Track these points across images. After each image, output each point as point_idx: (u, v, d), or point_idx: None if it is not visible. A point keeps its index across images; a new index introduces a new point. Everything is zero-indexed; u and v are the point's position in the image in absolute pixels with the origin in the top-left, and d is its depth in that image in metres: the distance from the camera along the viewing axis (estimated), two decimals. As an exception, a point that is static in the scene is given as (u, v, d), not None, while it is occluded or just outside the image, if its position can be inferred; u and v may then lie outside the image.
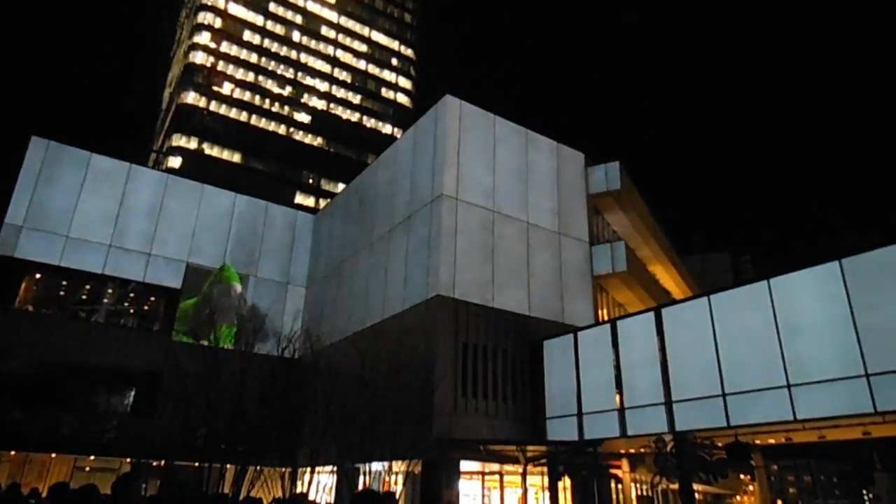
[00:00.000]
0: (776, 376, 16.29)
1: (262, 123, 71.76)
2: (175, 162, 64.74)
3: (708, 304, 18.78)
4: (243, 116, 70.45)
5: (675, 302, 24.03)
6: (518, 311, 25.62)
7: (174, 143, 66.21)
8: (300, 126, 74.19)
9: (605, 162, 31.57)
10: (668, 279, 41.65)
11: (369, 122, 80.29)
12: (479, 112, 28.19)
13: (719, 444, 17.77)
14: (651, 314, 20.58)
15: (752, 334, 17.33)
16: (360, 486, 22.77)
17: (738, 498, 43.97)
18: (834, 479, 75.76)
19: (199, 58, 69.93)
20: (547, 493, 22.09)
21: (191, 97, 68.26)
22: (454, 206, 25.51)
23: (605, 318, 29.72)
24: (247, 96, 71.42)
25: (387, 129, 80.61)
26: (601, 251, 29.97)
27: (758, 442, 19.46)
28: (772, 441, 19.52)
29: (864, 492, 71.22)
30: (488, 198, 26.84)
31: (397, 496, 22.47)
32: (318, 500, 22.05)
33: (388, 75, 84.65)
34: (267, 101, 72.69)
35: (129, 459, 26.64)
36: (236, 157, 68.21)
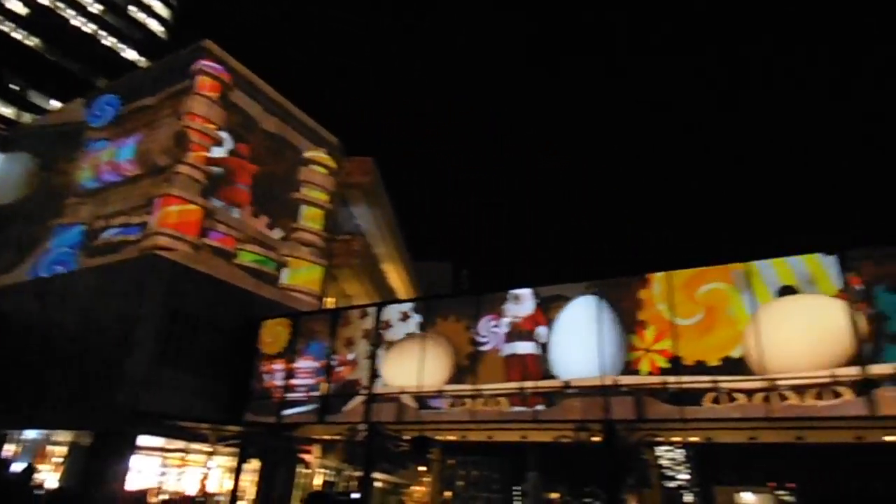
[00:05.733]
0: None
1: (-42, -1, 56.48)
2: None
3: (424, 308, 20.22)
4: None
5: (396, 301, 25.47)
6: (242, 286, 24.35)
7: None
8: (11, 16, 59.83)
9: (362, 155, 32.31)
10: (395, 279, 43.77)
11: (107, 41, 68.39)
12: (241, 69, 26.43)
13: (406, 437, 19.10)
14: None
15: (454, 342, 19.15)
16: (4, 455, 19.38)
17: (413, 488, 47.97)
18: (495, 475, 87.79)
19: None
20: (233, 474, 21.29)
21: None
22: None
23: (334, 305, 30.20)
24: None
25: (128, 53, 69.61)
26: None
27: (439, 438, 21.38)
28: (451, 438, 21.71)
29: (515, 487, 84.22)
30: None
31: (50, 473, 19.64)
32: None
33: (142, -7, 73.17)
34: (-30, -27, 57.41)
35: None
36: None
